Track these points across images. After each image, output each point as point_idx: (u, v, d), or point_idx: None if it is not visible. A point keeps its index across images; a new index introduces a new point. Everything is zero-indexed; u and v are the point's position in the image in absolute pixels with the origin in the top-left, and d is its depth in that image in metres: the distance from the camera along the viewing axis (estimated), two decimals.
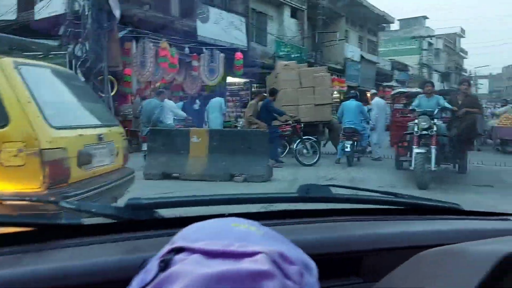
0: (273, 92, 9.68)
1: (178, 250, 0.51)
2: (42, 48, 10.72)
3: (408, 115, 10.00)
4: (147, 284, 0.48)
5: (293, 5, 20.01)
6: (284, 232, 0.63)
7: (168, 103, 8.86)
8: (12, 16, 13.51)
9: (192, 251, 0.51)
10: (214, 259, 0.49)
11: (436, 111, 7.36)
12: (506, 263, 0.70)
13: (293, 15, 20.35)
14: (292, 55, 19.34)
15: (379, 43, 32.48)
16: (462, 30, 50.93)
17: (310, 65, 20.89)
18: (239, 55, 15.15)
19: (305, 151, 9.64)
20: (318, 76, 10.86)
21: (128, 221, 0.94)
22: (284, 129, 9.97)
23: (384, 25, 31.15)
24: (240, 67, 15.18)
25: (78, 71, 10.26)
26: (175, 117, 9.40)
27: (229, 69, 15.61)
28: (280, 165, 9.00)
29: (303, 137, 9.65)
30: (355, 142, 9.58)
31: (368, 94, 19.92)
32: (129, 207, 0.93)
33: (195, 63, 14.23)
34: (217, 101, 11.67)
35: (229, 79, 17.15)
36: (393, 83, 27.36)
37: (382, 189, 2.78)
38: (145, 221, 0.97)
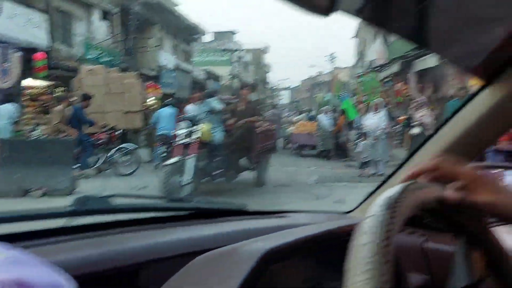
0: (86, 98, 8.99)
1: None
2: None
3: None
4: None
5: (104, 8, 19.05)
6: (51, 251, 0.55)
7: None
8: None
9: None
10: None
11: (201, 115, 6.88)
12: (267, 259, 0.75)
13: (104, 17, 19.38)
14: (103, 59, 18.38)
15: (193, 53, 33.49)
16: (266, 47, 56.40)
17: (123, 70, 20.28)
18: (40, 55, 13.62)
19: (121, 160, 9.20)
20: (127, 83, 10.55)
21: None
22: (98, 137, 9.34)
23: (196, 36, 32.25)
24: (42, 68, 13.67)
25: None
26: None
27: (27, 71, 13.89)
28: (88, 175, 8.41)
29: (121, 146, 9.22)
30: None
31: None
32: None
33: None
34: (5, 107, 10.18)
35: (27, 82, 15.26)
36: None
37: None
38: None
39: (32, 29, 14.64)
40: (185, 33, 29.55)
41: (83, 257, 0.88)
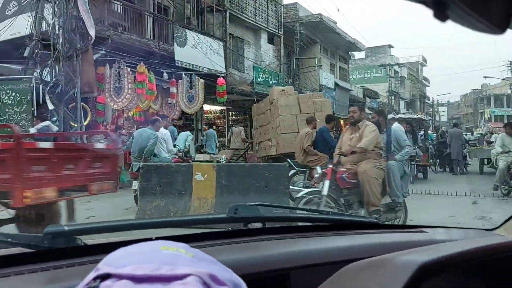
0: (330, 119, 8.39)
1: (104, 277, 0.49)
2: (4, 73, 9.42)
3: None
4: None
5: (270, 30, 19.48)
6: (213, 253, 0.61)
7: (163, 132, 7.64)
8: None
9: (119, 277, 0.48)
10: (142, 284, 0.47)
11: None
12: (422, 272, 0.74)
13: (270, 40, 19.81)
14: (270, 81, 18.68)
15: (350, 71, 32.63)
16: (424, 59, 52.61)
17: None
18: (221, 80, 14.24)
19: None
20: (318, 102, 10.02)
21: (48, 250, 0.89)
22: None
23: (354, 52, 31.36)
24: (223, 94, 14.25)
25: (47, 97, 8.98)
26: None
27: (207, 96, 14.68)
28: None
29: None
30: None
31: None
32: (48, 235, 0.88)
33: (173, 89, 13.15)
34: (211, 132, 10.62)
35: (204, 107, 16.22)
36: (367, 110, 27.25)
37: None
38: (67, 249, 0.93)
39: (212, 56, 15.50)
40: (343, 50, 28.92)
41: (239, 259, 1.00)
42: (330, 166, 5.16)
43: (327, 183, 4.93)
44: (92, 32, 9.09)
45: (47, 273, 0.83)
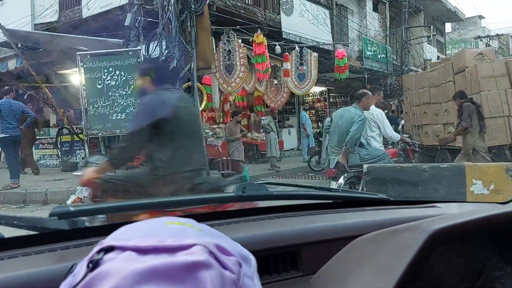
0: None
1: (108, 249, 0.49)
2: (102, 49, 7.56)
3: None
4: (75, 286, 0.46)
5: None
6: (222, 231, 0.59)
7: (375, 113, 5.15)
8: (52, 17, 10.56)
9: (123, 249, 0.48)
10: (147, 255, 0.47)
11: None
12: (433, 240, 0.72)
13: (375, 7, 17.01)
14: (378, 55, 15.95)
15: (446, 44, 28.99)
16: None
17: (395, 68, 17.49)
18: (341, 52, 11.74)
19: None
20: None
21: (54, 231, 0.91)
22: None
23: (454, 22, 27.66)
24: (344, 68, 11.73)
25: None
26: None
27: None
28: None
29: None
30: None
31: None
32: (54, 216, 0.89)
33: (286, 65, 10.86)
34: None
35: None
36: None
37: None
38: (73, 230, 0.93)
39: (319, 27, 13.08)
40: (441, 21, 25.36)
41: (251, 236, 0.97)
42: None
43: None
44: None
45: (54, 253, 0.83)
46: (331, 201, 1.31)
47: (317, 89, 15.78)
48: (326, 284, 0.83)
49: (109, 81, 6.93)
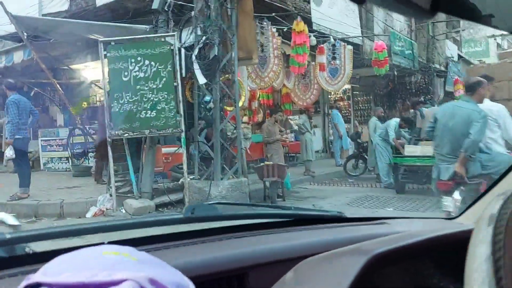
0: None
1: (35, 286, 0.47)
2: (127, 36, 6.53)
3: None
4: None
5: None
6: (168, 255, 0.59)
7: (495, 109, 4.36)
8: (62, 6, 9.53)
9: (49, 286, 0.46)
10: None
11: None
12: (376, 261, 0.75)
13: None
14: (406, 51, 14.97)
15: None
16: None
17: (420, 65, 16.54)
18: (381, 45, 10.75)
19: None
20: None
21: None
22: None
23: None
24: (384, 63, 10.73)
25: (195, 66, 5.97)
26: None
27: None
28: None
29: None
30: None
31: None
32: None
33: (321, 59, 9.86)
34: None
35: None
36: None
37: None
38: (10, 258, 0.90)
39: (348, 19, 12.10)
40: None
41: (195, 260, 0.94)
42: None
43: None
44: None
45: None
46: (282, 219, 1.29)
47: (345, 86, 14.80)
48: None
49: (137, 73, 5.88)
